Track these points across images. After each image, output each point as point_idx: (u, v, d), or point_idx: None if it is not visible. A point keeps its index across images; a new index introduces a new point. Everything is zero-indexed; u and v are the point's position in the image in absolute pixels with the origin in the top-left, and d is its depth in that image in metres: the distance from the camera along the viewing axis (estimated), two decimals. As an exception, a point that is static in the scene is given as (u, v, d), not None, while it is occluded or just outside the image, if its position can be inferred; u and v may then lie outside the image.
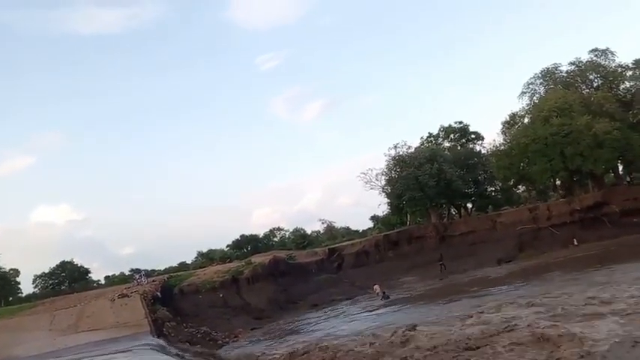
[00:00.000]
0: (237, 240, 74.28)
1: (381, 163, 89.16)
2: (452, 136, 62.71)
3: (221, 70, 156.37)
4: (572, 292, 21.88)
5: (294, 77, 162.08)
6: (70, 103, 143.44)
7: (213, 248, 75.51)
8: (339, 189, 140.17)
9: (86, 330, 26.15)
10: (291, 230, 79.28)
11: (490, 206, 61.16)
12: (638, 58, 49.27)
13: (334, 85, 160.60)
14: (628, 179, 54.65)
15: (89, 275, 73.59)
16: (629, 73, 49.64)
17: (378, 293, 38.70)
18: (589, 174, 46.87)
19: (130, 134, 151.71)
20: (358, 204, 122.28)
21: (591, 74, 50.85)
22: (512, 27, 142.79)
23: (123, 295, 34.46)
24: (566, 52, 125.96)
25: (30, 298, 61.31)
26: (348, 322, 28.40)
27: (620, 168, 52.18)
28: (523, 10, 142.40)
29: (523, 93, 53.85)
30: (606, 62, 50.50)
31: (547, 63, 55.64)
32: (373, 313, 30.62)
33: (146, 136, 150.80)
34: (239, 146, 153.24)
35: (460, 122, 62.40)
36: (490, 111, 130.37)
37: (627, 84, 50.14)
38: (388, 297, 35.88)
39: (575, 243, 41.67)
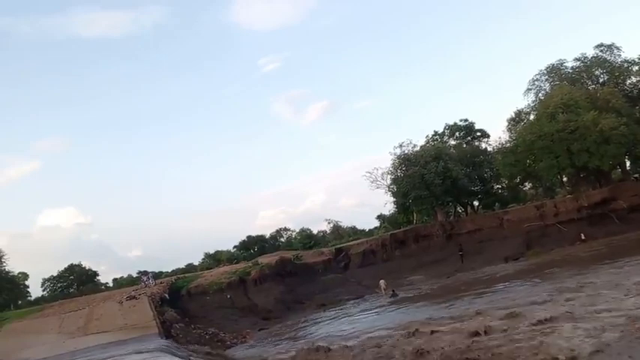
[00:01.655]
0: (244, 241, 74.43)
1: (385, 162, 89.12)
2: (457, 134, 62.51)
3: (224, 73, 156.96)
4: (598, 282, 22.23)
5: (296, 79, 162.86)
6: (74, 107, 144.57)
7: (220, 249, 75.88)
8: (343, 189, 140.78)
9: (95, 332, 26.30)
10: (297, 230, 79.35)
11: (497, 204, 60.97)
12: (644, 52, 48.97)
13: (337, 86, 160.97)
14: (635, 175, 54.29)
15: (97, 278, 73.98)
16: (635, 68, 49.33)
17: (384, 289, 38.71)
18: (596, 170, 46.52)
19: (135, 137, 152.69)
20: (363, 204, 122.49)
21: (597, 70, 50.56)
22: (516, 24, 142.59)
23: (131, 297, 34.63)
24: (571, 48, 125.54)
25: (39, 301, 61.63)
26: (354, 322, 28.29)
27: (628, 164, 51.79)
28: (527, 7, 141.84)
29: (528, 90, 53.66)
30: (612, 57, 50.20)
31: (552, 59, 55.43)
32: (387, 311, 30.50)
33: (151, 139, 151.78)
34: (243, 148, 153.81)
35: (465, 120, 62.28)
36: (495, 108, 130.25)
37: (633, 79, 49.86)
38: (397, 295, 35.85)
39: (583, 237, 41.43)
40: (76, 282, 70.12)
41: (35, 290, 68.87)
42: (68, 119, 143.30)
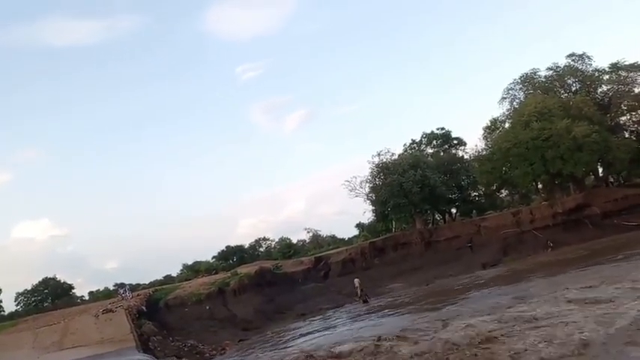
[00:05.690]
0: (223, 251, 73.80)
1: (364, 170, 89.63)
2: (434, 142, 63.21)
3: (202, 82, 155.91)
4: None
5: (274, 87, 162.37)
6: (47, 117, 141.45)
7: (199, 260, 75.00)
8: (323, 198, 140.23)
9: (70, 347, 25.84)
10: (276, 240, 79.01)
11: (474, 211, 61.70)
12: (614, 62, 50.44)
13: (316, 93, 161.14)
14: (611, 180, 55.51)
15: (73, 291, 72.46)
16: (606, 77, 50.68)
17: (356, 287, 39.45)
18: (570, 177, 47.50)
19: (110, 147, 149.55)
20: (343, 212, 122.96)
21: (569, 79, 51.88)
22: (491, 33, 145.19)
23: (107, 311, 34.07)
24: (544, 58, 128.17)
25: (12, 316, 60.10)
26: (335, 331, 28.15)
27: (600, 170, 52.95)
28: (500, 17, 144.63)
29: (503, 98, 54.71)
30: (583, 67, 51.58)
31: (526, 68, 56.59)
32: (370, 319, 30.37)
33: (126, 149, 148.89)
34: (221, 157, 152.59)
35: (442, 128, 63.07)
36: (471, 117, 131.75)
37: (604, 87, 51.23)
38: (368, 301, 36.38)
39: (551, 245, 42.28)
40: (50, 296, 68.64)
41: (8, 305, 67.06)
42: (42, 130, 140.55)
